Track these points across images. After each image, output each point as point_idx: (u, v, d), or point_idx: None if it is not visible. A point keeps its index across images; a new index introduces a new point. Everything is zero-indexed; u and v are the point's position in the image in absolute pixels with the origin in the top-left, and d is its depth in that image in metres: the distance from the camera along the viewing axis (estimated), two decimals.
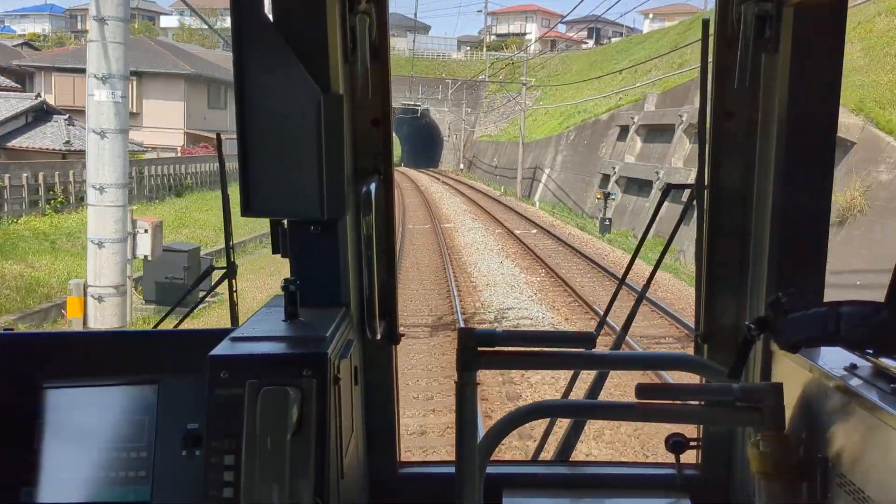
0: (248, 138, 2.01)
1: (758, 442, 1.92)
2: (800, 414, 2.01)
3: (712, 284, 2.40)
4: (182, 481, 2.02)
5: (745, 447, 2.23)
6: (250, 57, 1.98)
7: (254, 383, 1.68)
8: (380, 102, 2.32)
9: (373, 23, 2.19)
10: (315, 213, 2.06)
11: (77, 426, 2.08)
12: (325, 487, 1.76)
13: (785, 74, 2.12)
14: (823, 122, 2.15)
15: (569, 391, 2.93)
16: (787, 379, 2.03)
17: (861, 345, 1.82)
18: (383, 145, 2.35)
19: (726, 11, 2.22)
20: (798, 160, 2.15)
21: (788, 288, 1.90)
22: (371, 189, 2.17)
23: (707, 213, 2.38)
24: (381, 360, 2.50)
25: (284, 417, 1.64)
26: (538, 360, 2.36)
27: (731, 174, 2.35)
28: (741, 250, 2.37)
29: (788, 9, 2.10)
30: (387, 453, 2.55)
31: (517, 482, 2.50)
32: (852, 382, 1.80)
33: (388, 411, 2.54)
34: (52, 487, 2.04)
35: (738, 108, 2.30)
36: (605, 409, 2.66)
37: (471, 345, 2.10)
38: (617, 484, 2.53)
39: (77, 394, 2.10)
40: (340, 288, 2.26)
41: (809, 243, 2.20)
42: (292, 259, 2.24)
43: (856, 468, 1.75)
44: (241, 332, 1.94)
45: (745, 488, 2.36)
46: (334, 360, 1.86)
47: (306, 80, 2.00)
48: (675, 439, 2.37)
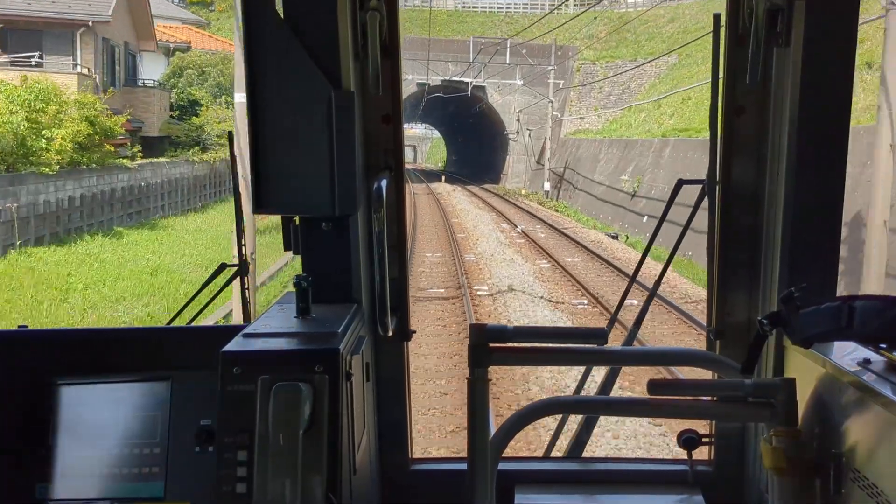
0: (260, 135, 2.02)
1: (770, 437, 1.91)
2: (813, 409, 2.00)
3: (724, 280, 2.40)
4: (195, 477, 2.03)
5: (757, 443, 2.22)
6: (261, 54, 1.99)
7: (266, 379, 1.69)
8: (390, 99, 2.32)
9: (384, 19, 2.19)
10: (326, 209, 2.07)
11: (91, 422, 2.10)
12: (337, 483, 1.76)
13: (797, 70, 2.11)
14: (835, 117, 2.14)
15: (580, 387, 2.92)
16: (800, 374, 2.02)
17: (875, 339, 1.81)
18: (394, 142, 2.36)
19: (738, 6, 2.21)
20: (810, 156, 2.14)
21: (801, 283, 1.89)
22: (382, 185, 2.18)
23: (719, 209, 2.37)
24: (392, 357, 2.50)
25: (297, 413, 1.64)
26: (549, 356, 2.36)
27: (743, 170, 2.34)
28: (753, 246, 2.36)
29: (800, 3, 2.08)
30: (399, 449, 2.56)
31: (529, 478, 2.50)
32: (866, 377, 1.79)
33: (400, 407, 2.55)
34: (66, 483, 2.06)
35: (750, 104, 2.29)
36: (617, 405, 2.65)
37: (482, 341, 2.10)
38: (629, 480, 2.53)
39: (90, 390, 2.12)
40: (352, 284, 2.27)
41: (822, 238, 2.19)
42: (304, 255, 2.25)
43: (870, 463, 1.74)
44: (254, 329, 1.95)
45: (757, 484, 2.35)
46: (346, 356, 1.86)
47: (317, 77, 2.00)
48: (687, 435, 2.37)
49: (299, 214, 2.20)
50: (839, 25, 2.09)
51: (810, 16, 2.07)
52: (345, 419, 1.83)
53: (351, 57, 2.15)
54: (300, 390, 1.66)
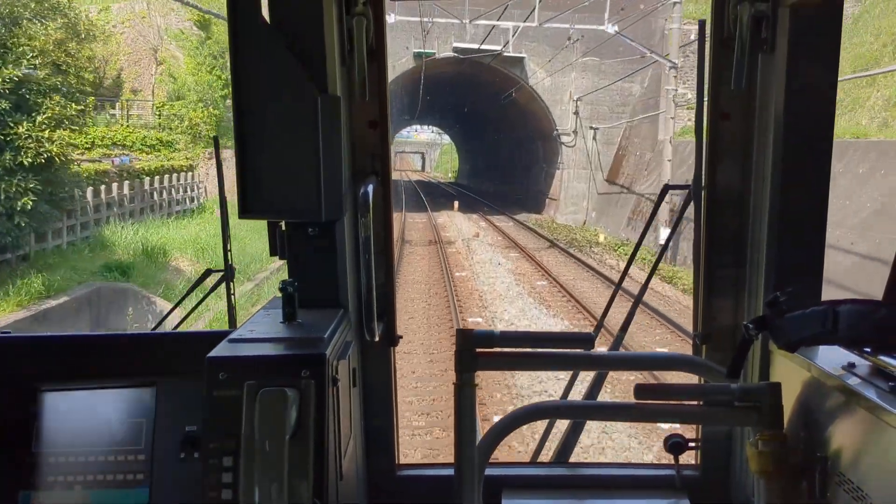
0: (246, 140, 2.01)
1: (757, 441, 1.92)
2: (798, 413, 2.01)
3: (710, 285, 2.41)
4: (180, 483, 2.02)
5: (744, 447, 2.23)
6: (247, 58, 1.98)
7: (252, 384, 1.68)
8: (377, 104, 2.32)
9: (370, 24, 2.20)
10: (313, 214, 2.06)
11: (75, 429, 2.08)
12: (323, 488, 1.75)
13: (781, 76, 2.13)
14: (820, 122, 2.16)
15: (567, 392, 2.93)
16: (785, 378, 2.03)
17: (859, 343, 1.82)
18: (381, 147, 2.35)
19: (722, 12, 2.23)
20: (795, 161, 2.16)
21: (786, 287, 1.90)
22: (369, 190, 2.18)
23: (705, 214, 2.39)
24: (379, 362, 2.49)
25: (283, 418, 1.63)
26: (537, 361, 2.36)
27: (729, 175, 2.35)
28: (739, 251, 2.37)
29: (784, 10, 2.10)
30: (385, 455, 2.55)
31: (516, 483, 2.50)
32: (851, 381, 1.80)
33: (387, 413, 2.54)
34: (50, 490, 2.04)
35: (735, 110, 2.31)
36: (604, 409, 2.66)
37: (469, 346, 2.10)
38: (616, 485, 2.53)
39: (75, 396, 2.10)
40: (338, 289, 2.26)
41: (807, 243, 2.20)
42: (290, 261, 2.24)
43: (855, 467, 1.75)
44: (240, 334, 1.94)
45: (744, 488, 2.36)
46: (333, 361, 1.85)
47: (304, 82, 2.00)
48: (674, 440, 2.37)
49: (285, 220, 2.19)
50: (823, 31, 2.11)
51: (794, 22, 2.09)
52: (331, 424, 1.82)
53: (337, 62, 2.15)
54: (286, 395, 1.65)
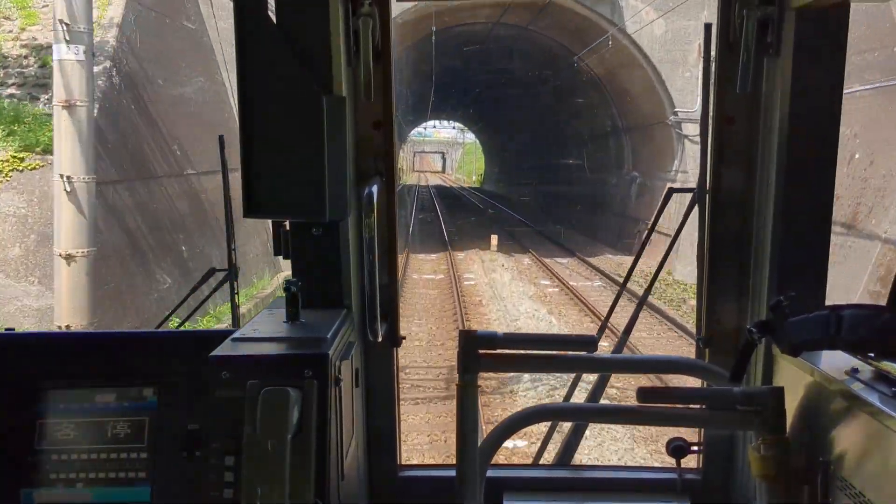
0: (251, 140, 2.02)
1: (759, 446, 1.91)
2: (801, 417, 2.00)
3: (714, 288, 2.40)
4: (182, 482, 2.02)
5: (746, 451, 2.22)
6: (253, 59, 1.98)
7: (254, 384, 1.68)
8: (382, 105, 2.32)
9: (376, 25, 2.20)
10: (317, 214, 2.06)
11: (77, 427, 2.08)
12: (325, 489, 1.75)
13: (787, 79, 2.12)
14: (825, 126, 2.15)
15: (570, 395, 2.93)
16: (788, 382, 2.03)
17: (862, 348, 1.81)
18: (386, 147, 2.36)
19: (728, 16, 2.22)
20: (800, 165, 2.15)
21: (790, 291, 1.90)
22: (373, 191, 2.18)
23: (709, 217, 2.38)
24: (382, 363, 2.49)
25: (285, 418, 1.63)
26: (539, 362, 2.36)
27: (733, 178, 2.35)
28: (742, 254, 2.37)
29: (790, 13, 2.10)
30: (387, 455, 2.55)
31: (518, 485, 2.50)
32: (854, 386, 1.79)
33: (389, 413, 2.54)
34: (52, 488, 2.04)
35: (740, 113, 2.30)
36: (606, 412, 2.65)
37: (472, 347, 2.10)
38: (618, 488, 2.52)
39: (77, 394, 2.10)
40: (342, 290, 2.26)
41: (811, 247, 2.20)
42: (294, 260, 2.24)
43: (857, 472, 1.75)
44: (242, 333, 1.94)
45: (746, 492, 2.35)
46: (335, 361, 1.86)
47: (309, 82, 2.00)
48: (676, 443, 2.37)
49: (290, 219, 2.19)
50: (829, 35, 2.10)
51: (800, 25, 2.08)
52: (333, 424, 1.82)
53: (343, 62, 2.15)
54: (288, 395, 1.65)
